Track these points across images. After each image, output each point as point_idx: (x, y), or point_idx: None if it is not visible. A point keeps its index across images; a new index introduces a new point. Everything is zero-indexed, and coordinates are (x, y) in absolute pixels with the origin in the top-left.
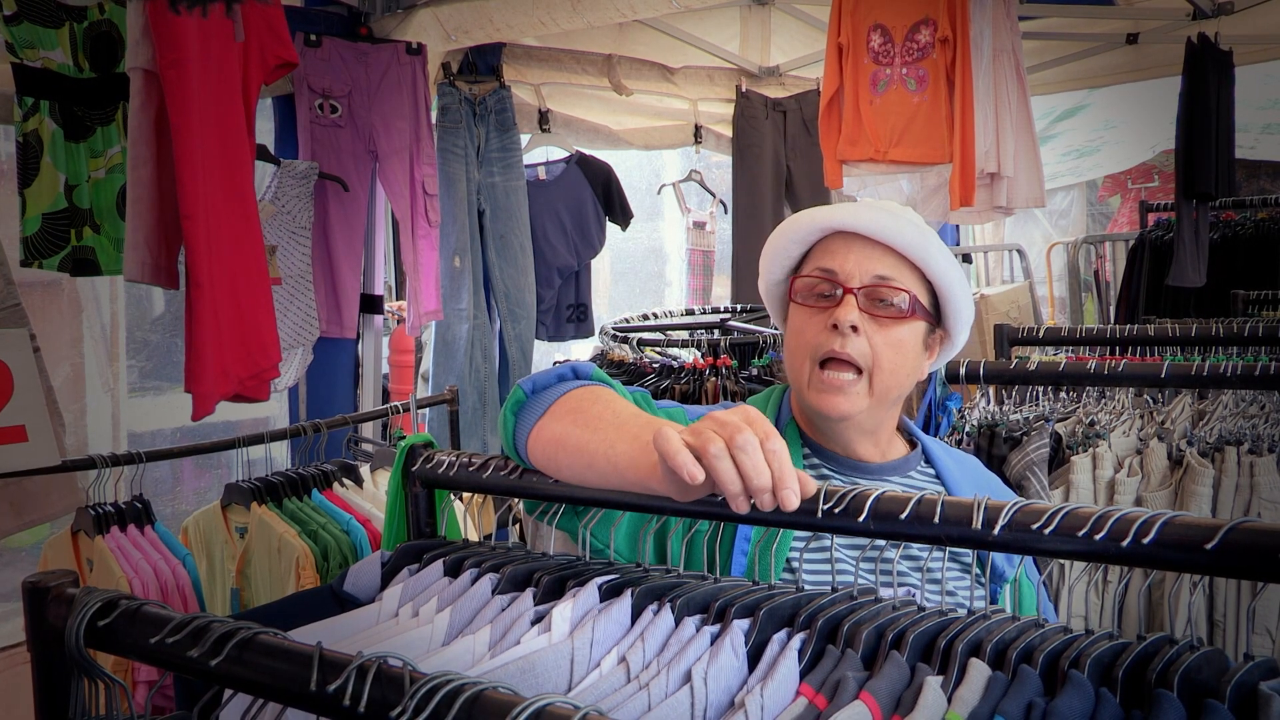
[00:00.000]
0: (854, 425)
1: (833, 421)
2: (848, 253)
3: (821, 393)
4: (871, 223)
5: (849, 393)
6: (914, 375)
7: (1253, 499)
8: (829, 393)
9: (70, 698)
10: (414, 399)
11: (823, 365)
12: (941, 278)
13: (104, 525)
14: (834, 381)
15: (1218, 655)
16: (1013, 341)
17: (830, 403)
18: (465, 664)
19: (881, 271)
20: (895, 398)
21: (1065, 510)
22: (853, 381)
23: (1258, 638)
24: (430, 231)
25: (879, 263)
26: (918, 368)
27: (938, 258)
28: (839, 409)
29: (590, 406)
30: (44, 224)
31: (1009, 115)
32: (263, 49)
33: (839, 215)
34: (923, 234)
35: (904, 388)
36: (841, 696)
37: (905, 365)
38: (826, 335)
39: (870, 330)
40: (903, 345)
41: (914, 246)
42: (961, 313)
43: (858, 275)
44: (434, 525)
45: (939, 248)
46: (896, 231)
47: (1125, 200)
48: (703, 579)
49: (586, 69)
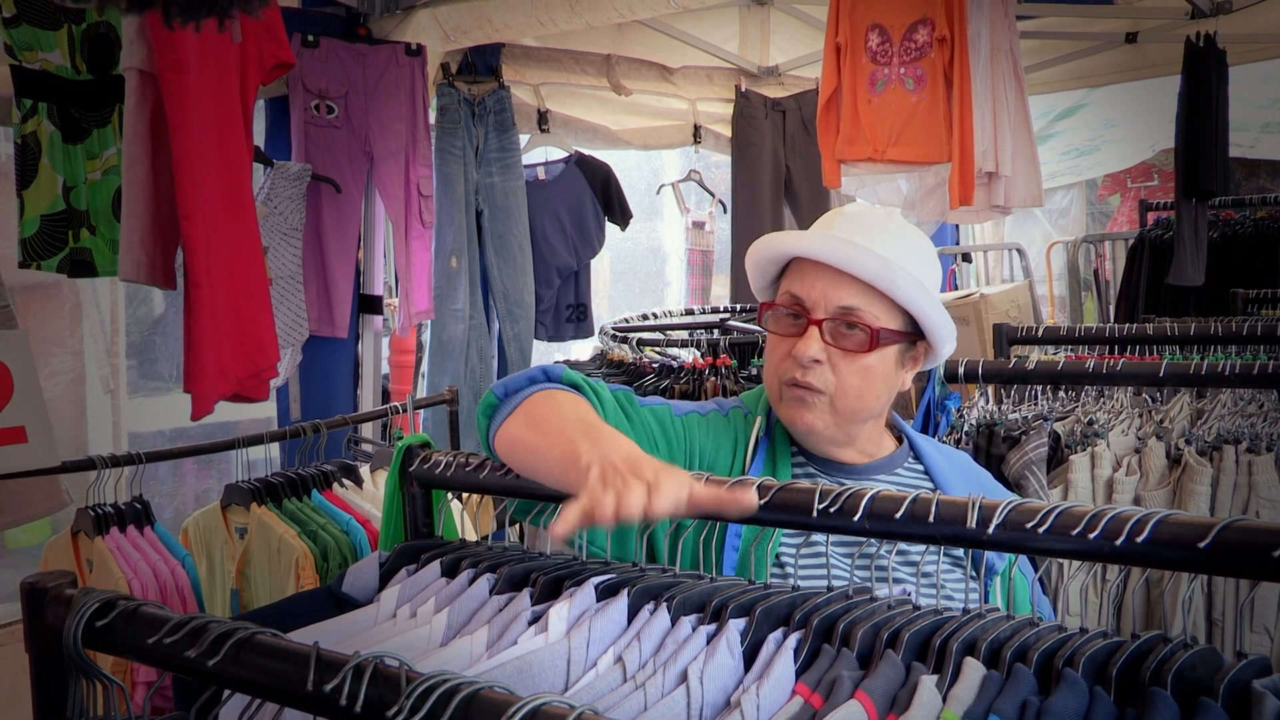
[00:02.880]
0: (824, 438)
1: (801, 434)
2: (815, 281)
3: (788, 404)
4: (835, 254)
5: (812, 406)
6: (886, 394)
7: (1251, 498)
8: (794, 404)
9: (68, 698)
10: (411, 399)
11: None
12: (912, 305)
13: (104, 526)
14: (797, 394)
15: (1212, 654)
16: (1011, 340)
17: (795, 414)
18: (463, 664)
19: (847, 303)
20: (865, 417)
21: (1059, 509)
22: (815, 396)
23: (1256, 636)
24: (424, 232)
25: (845, 292)
26: (890, 386)
27: (905, 287)
28: (803, 421)
29: (543, 410)
30: (42, 225)
31: (1007, 114)
32: (260, 50)
33: (804, 243)
34: (887, 265)
35: (874, 408)
36: (837, 696)
37: (872, 389)
38: (790, 363)
39: (835, 359)
40: (869, 372)
41: (878, 278)
42: (939, 330)
43: (822, 305)
44: (431, 525)
45: (904, 274)
46: (859, 263)
47: (1125, 199)
48: (699, 578)
49: (585, 69)
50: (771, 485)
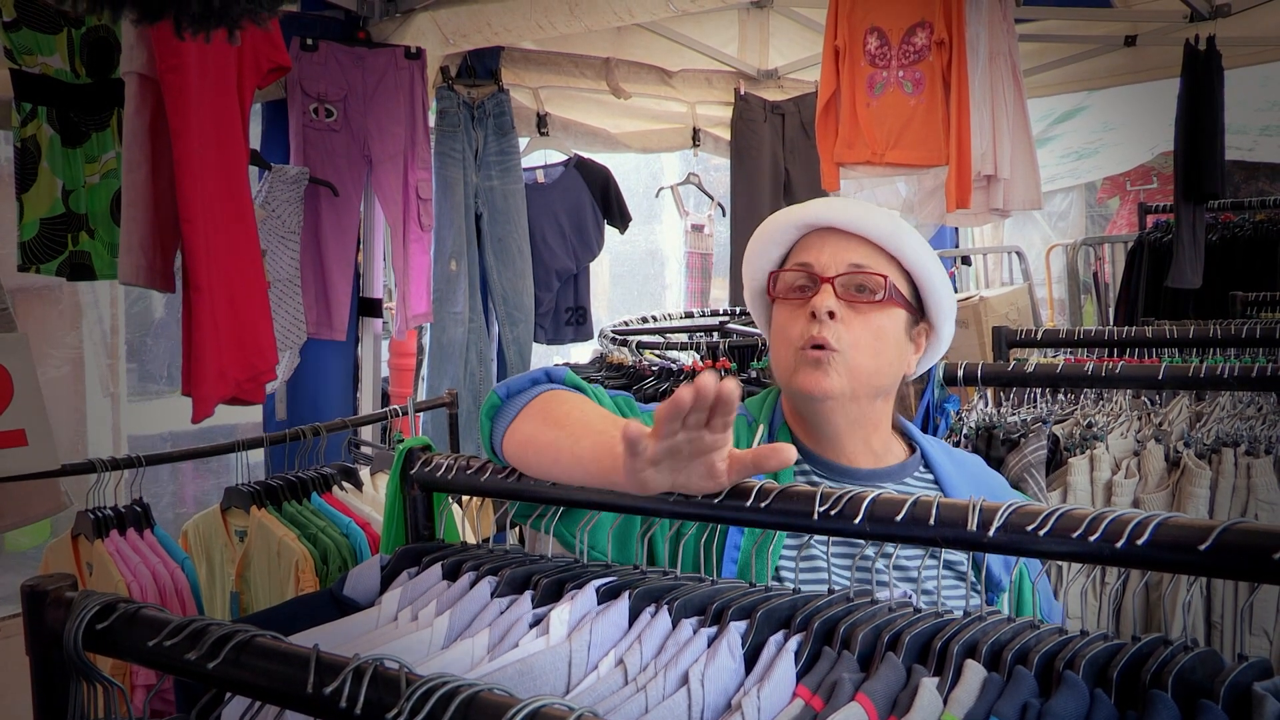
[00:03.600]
0: (839, 410)
1: (816, 402)
2: (823, 246)
3: (803, 372)
4: (843, 214)
5: (828, 368)
6: (897, 366)
7: (1250, 500)
8: (809, 370)
9: (69, 701)
10: (412, 402)
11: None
12: (917, 265)
13: (103, 529)
14: (813, 356)
15: (1212, 656)
16: (1011, 343)
17: (811, 380)
18: (464, 667)
19: (856, 260)
20: (878, 386)
21: (1060, 512)
22: (831, 356)
23: (1255, 639)
24: (423, 236)
25: (854, 252)
26: (901, 358)
27: (912, 245)
28: (821, 386)
29: (558, 408)
30: (42, 229)
31: (1005, 117)
32: (256, 54)
33: (811, 211)
34: (894, 223)
35: (886, 377)
36: (838, 698)
37: (887, 352)
38: (806, 324)
39: (849, 317)
40: (883, 332)
41: (886, 235)
42: (942, 302)
43: (833, 265)
44: (433, 528)
45: (912, 235)
46: (869, 221)
47: (1124, 202)
48: (699, 581)
49: (584, 72)
50: (771, 488)
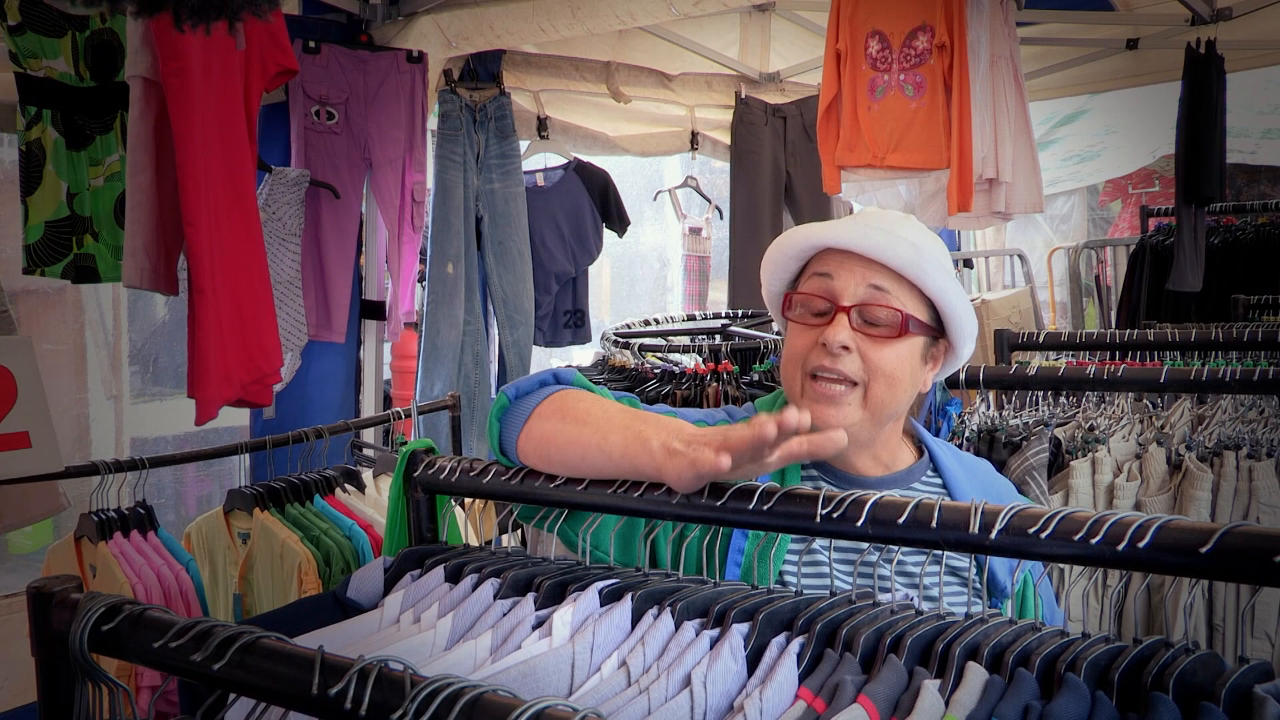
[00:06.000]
0: (852, 439)
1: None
2: (841, 269)
3: (814, 403)
4: (864, 240)
5: (841, 404)
6: (912, 389)
7: (1251, 503)
8: (821, 403)
9: (74, 702)
10: (415, 404)
11: (814, 377)
12: (939, 294)
13: (107, 531)
14: (826, 392)
15: (1213, 659)
16: (1013, 346)
17: (822, 414)
18: (467, 669)
19: (876, 288)
20: (892, 412)
21: (1061, 514)
22: (845, 392)
23: (1256, 641)
24: (414, 237)
25: (874, 280)
26: (916, 381)
27: (934, 274)
28: (831, 420)
29: (576, 405)
30: (46, 232)
31: (1007, 121)
32: (263, 56)
33: (833, 232)
34: (917, 251)
35: (901, 403)
36: (840, 700)
37: (902, 380)
38: (817, 351)
39: (864, 347)
40: (899, 361)
41: (908, 265)
42: (963, 326)
43: (850, 292)
44: (435, 531)
45: (935, 263)
46: (890, 250)
47: (1126, 205)
48: (702, 583)
49: (585, 76)
50: (774, 490)
